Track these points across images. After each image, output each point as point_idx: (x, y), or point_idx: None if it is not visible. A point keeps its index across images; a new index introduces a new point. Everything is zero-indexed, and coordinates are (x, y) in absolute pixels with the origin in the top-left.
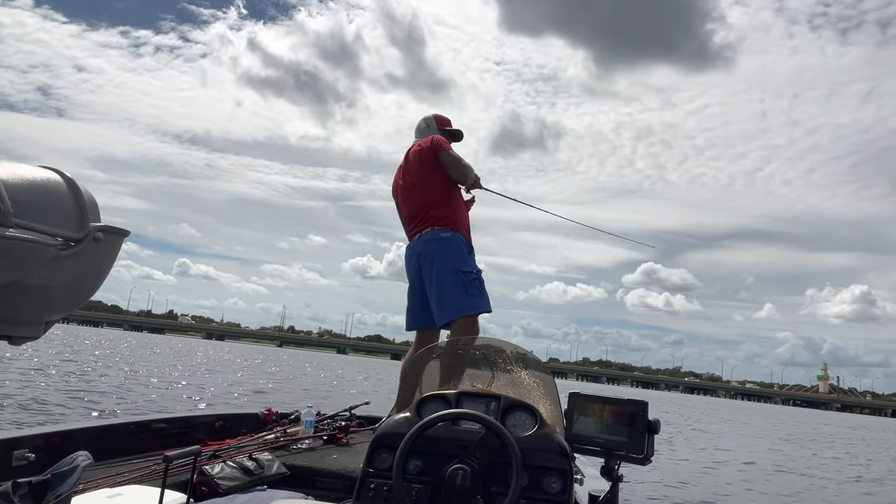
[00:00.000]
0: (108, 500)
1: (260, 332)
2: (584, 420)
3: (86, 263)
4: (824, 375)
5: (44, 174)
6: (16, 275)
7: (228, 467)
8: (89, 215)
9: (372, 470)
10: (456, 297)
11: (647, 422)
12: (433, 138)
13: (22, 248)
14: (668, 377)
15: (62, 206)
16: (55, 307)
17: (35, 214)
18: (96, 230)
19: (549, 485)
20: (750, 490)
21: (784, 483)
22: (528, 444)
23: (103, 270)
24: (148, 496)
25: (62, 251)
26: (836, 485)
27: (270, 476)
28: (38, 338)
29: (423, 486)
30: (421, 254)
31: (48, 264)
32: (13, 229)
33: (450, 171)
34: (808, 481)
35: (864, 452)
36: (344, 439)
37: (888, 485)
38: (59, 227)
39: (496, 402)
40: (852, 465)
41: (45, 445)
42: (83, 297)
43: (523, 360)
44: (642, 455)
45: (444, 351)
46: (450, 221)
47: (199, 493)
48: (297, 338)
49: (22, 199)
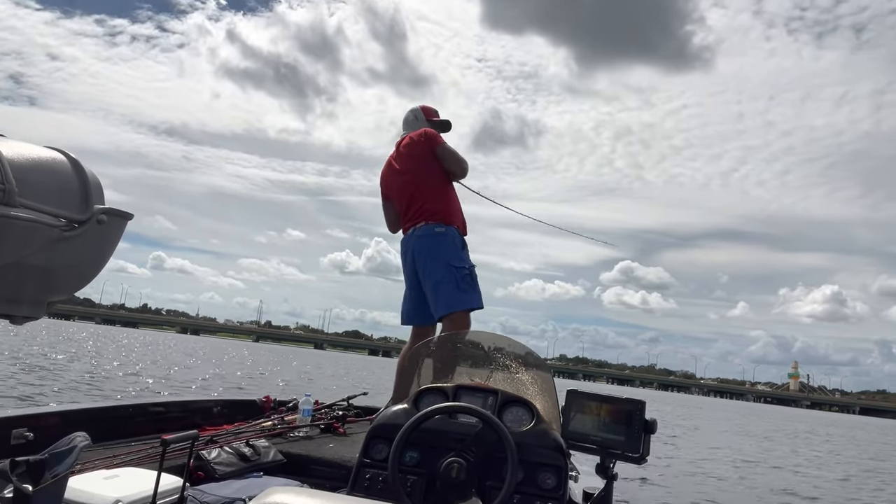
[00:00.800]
0: (105, 481)
1: (236, 327)
2: (582, 418)
3: (89, 245)
4: (795, 373)
5: (49, 154)
6: (19, 254)
7: (225, 453)
8: (93, 197)
9: (368, 460)
10: (448, 293)
11: (643, 421)
12: (426, 131)
13: (26, 227)
14: (643, 374)
15: (67, 186)
16: (57, 288)
17: (39, 195)
18: (100, 212)
19: (543, 481)
20: (724, 491)
21: (762, 481)
22: (525, 440)
23: (106, 252)
24: (144, 479)
25: (66, 232)
26: (825, 483)
27: (267, 463)
28: (39, 318)
29: (418, 477)
30: (415, 249)
31: (51, 245)
32: (18, 209)
33: (447, 164)
34: (787, 477)
35: (843, 449)
36: (341, 429)
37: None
38: (63, 207)
39: (494, 396)
40: (839, 463)
41: (43, 425)
42: (86, 279)
43: (522, 356)
44: (638, 454)
45: (443, 344)
46: (443, 216)
47: (195, 477)
48: (274, 333)
49: (27, 179)
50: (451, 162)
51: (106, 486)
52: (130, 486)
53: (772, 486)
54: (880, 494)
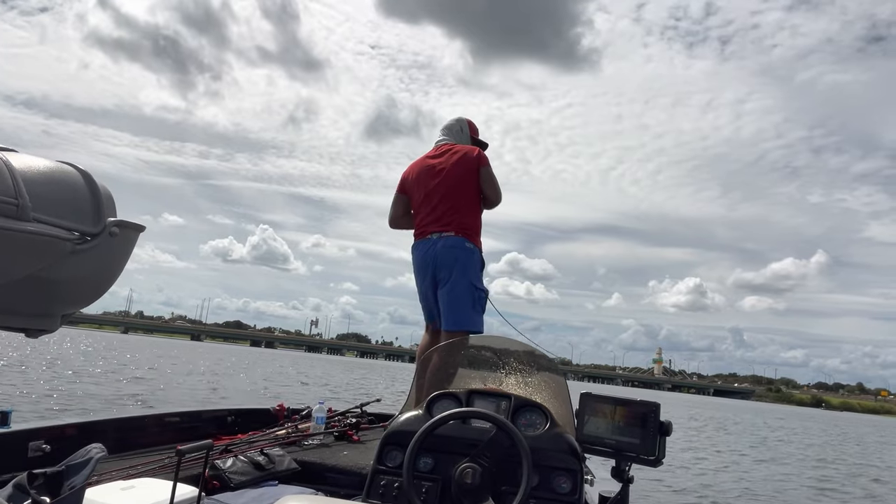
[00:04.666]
0: (122, 492)
1: (102, 317)
2: (596, 421)
3: (102, 258)
4: (658, 359)
5: (61, 168)
6: (33, 268)
7: (240, 462)
8: (105, 210)
9: (382, 467)
10: (463, 310)
11: (658, 423)
12: (478, 151)
13: (40, 242)
14: None
15: (79, 200)
16: (71, 301)
17: (53, 209)
18: (112, 225)
19: (559, 485)
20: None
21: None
22: (539, 444)
23: (119, 265)
24: (160, 489)
25: (79, 245)
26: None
27: (281, 471)
28: (53, 331)
29: (433, 483)
30: (440, 255)
31: (65, 258)
32: (32, 223)
33: (486, 187)
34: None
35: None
36: (355, 436)
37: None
38: (76, 221)
39: (507, 401)
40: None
41: (60, 437)
42: (99, 292)
43: (535, 359)
44: (653, 457)
45: (456, 349)
46: (473, 233)
47: (210, 486)
48: (146, 323)
49: (39, 193)
50: (489, 185)
51: (123, 496)
52: (147, 496)
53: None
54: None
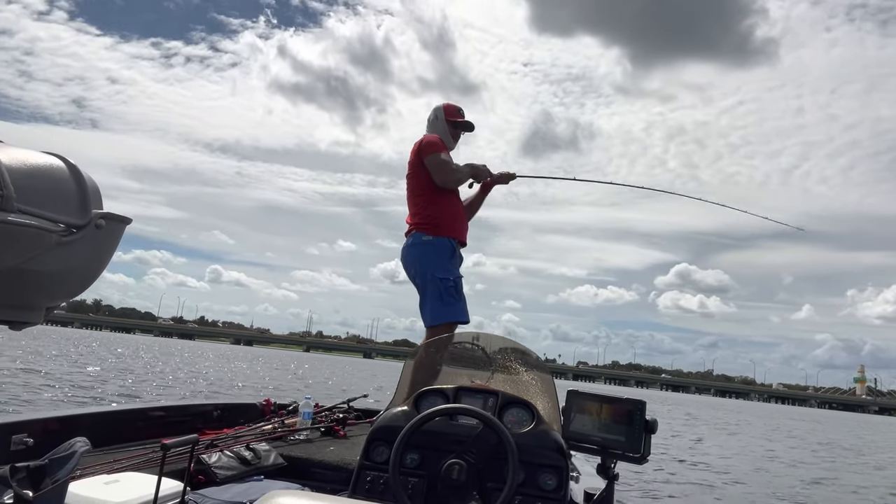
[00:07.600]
0: (106, 486)
1: (287, 337)
2: (582, 418)
3: (87, 250)
4: (861, 378)
5: (47, 160)
6: (17, 260)
7: (225, 457)
8: (91, 202)
9: (368, 462)
10: (431, 305)
11: (644, 421)
12: (423, 139)
13: (24, 233)
14: (699, 380)
15: (65, 191)
16: (56, 293)
17: (38, 200)
18: (98, 217)
19: (544, 481)
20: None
21: (776, 483)
22: (525, 441)
23: (105, 257)
24: (145, 483)
25: (64, 237)
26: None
27: (267, 466)
28: (38, 323)
29: (419, 479)
30: (406, 258)
31: (50, 250)
32: (16, 214)
33: (434, 176)
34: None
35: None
36: (341, 431)
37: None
38: (62, 213)
39: (494, 398)
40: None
41: (43, 431)
42: (84, 284)
43: (523, 357)
44: (639, 454)
45: (444, 346)
46: (430, 225)
47: (196, 481)
48: (323, 342)
49: (25, 185)
50: (436, 172)
51: (106, 491)
52: (131, 490)
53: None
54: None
